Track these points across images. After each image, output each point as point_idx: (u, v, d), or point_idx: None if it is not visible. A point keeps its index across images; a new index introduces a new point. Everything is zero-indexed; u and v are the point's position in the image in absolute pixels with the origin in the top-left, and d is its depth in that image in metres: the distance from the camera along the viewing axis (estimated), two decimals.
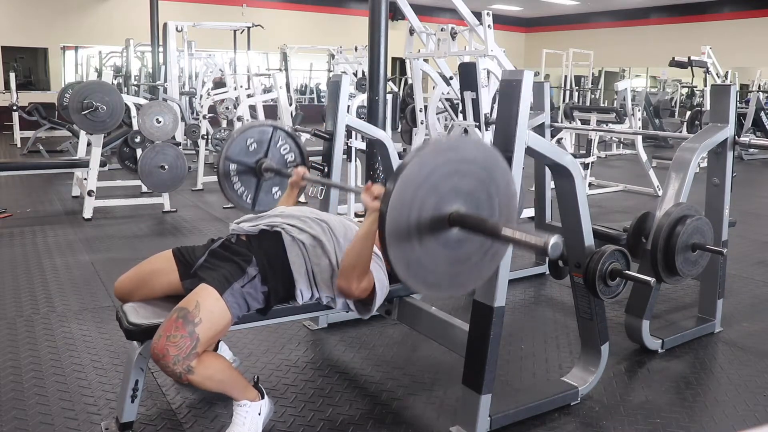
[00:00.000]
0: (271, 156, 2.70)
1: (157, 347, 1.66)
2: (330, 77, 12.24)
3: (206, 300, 1.76)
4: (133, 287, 2.00)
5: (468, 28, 4.54)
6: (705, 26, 16.70)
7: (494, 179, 1.55)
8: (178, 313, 1.71)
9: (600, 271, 2.05)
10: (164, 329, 1.69)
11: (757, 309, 3.17)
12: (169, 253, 2.03)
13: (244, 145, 2.66)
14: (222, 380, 1.78)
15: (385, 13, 3.67)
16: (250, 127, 2.70)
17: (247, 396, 1.85)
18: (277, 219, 2.01)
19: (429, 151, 1.45)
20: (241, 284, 1.84)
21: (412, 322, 2.33)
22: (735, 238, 4.22)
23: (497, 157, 1.57)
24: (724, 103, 2.62)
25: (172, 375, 1.68)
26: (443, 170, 1.46)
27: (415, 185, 1.42)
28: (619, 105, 8.74)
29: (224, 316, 1.79)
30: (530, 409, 2.07)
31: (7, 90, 10.46)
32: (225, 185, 2.65)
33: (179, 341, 1.66)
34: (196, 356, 1.69)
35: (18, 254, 3.86)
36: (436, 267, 1.50)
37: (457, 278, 1.56)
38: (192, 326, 1.69)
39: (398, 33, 7.66)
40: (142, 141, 5.27)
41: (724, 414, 2.14)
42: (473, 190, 1.52)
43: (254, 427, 1.85)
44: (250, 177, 2.69)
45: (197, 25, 8.36)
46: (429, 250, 1.47)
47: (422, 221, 1.43)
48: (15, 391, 2.15)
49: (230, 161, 2.64)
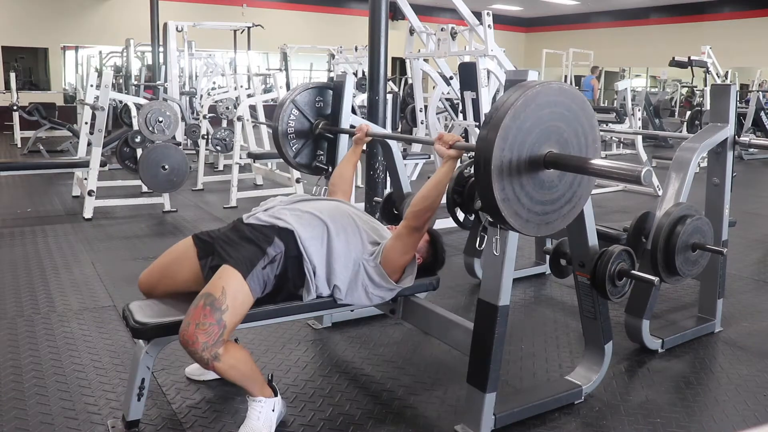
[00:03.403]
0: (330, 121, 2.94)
1: (186, 334, 1.71)
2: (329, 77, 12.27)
3: (231, 285, 1.80)
4: (156, 279, 2.02)
5: (468, 28, 4.54)
6: (705, 26, 16.71)
7: (578, 118, 1.65)
8: (204, 300, 1.75)
9: (609, 271, 2.06)
10: (192, 317, 1.72)
11: (757, 309, 3.17)
12: (189, 240, 2.05)
13: (313, 99, 2.90)
14: (244, 372, 1.82)
15: (385, 13, 3.67)
16: (324, 86, 2.94)
17: (263, 393, 1.88)
18: (286, 214, 2.02)
19: (519, 102, 1.53)
20: (262, 266, 1.88)
21: (416, 322, 2.33)
22: (735, 238, 4.22)
23: (580, 97, 1.66)
24: (724, 103, 2.62)
25: (200, 361, 1.74)
26: (536, 114, 1.56)
27: (515, 130, 1.52)
28: (619, 105, 8.75)
29: (248, 300, 1.84)
30: (535, 408, 2.07)
31: (7, 90, 10.46)
32: (279, 129, 2.84)
33: (208, 328, 1.71)
34: (223, 343, 1.74)
35: (18, 254, 3.86)
36: (531, 205, 1.61)
37: (546, 218, 1.66)
38: (219, 313, 1.73)
39: (398, 33, 7.68)
40: (142, 141, 5.27)
41: (724, 414, 2.14)
42: (562, 130, 1.62)
43: (268, 423, 1.87)
44: (303, 131, 2.92)
45: (197, 25, 8.36)
46: (525, 189, 1.59)
47: (521, 162, 1.55)
48: (15, 390, 2.15)
49: (296, 105, 2.83)
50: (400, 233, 2.04)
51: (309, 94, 2.91)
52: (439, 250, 2.31)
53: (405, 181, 3.04)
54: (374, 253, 2.07)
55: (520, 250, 2.27)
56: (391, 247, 2.05)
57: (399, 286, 2.11)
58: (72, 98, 12.15)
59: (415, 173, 6.37)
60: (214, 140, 6.63)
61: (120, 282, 3.32)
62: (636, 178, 1.45)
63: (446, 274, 2.81)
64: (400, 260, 2.07)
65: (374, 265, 2.05)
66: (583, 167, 1.59)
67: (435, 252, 2.31)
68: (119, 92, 8.29)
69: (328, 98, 2.96)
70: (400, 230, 2.05)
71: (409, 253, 2.08)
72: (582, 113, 1.66)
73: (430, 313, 2.23)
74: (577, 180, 1.71)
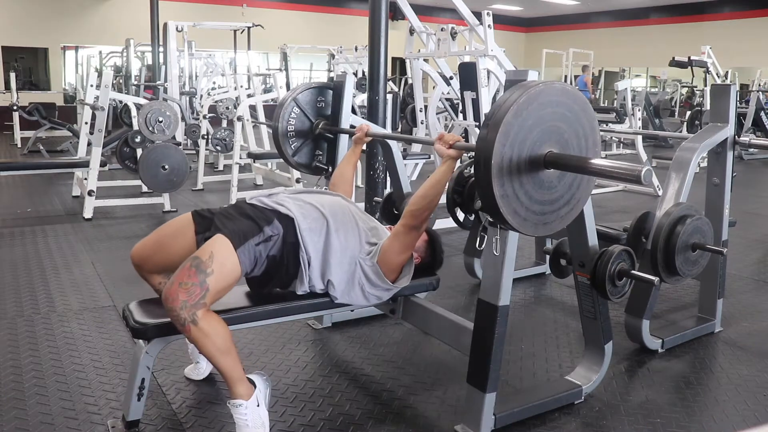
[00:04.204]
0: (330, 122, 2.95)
1: (168, 291, 1.71)
2: (329, 77, 12.28)
3: (220, 252, 1.80)
4: (151, 251, 2.02)
5: (468, 28, 4.54)
6: (705, 26, 16.71)
7: (579, 119, 1.66)
8: (191, 262, 1.75)
9: (609, 271, 2.06)
10: (177, 276, 1.73)
11: (757, 309, 3.17)
12: (188, 215, 2.05)
13: (315, 98, 2.91)
14: (219, 346, 1.74)
15: (385, 13, 3.67)
16: (326, 86, 2.95)
17: (239, 392, 1.79)
18: (289, 201, 2.03)
19: (522, 99, 1.53)
20: (256, 242, 1.88)
21: (416, 321, 2.34)
22: (735, 238, 4.22)
23: (581, 99, 1.66)
24: (724, 103, 2.62)
25: (177, 320, 1.71)
26: (537, 113, 1.56)
27: (516, 127, 1.53)
28: (619, 105, 8.75)
29: (235, 270, 1.83)
30: (535, 408, 2.07)
31: (7, 90, 10.46)
32: (280, 127, 2.85)
33: (190, 288, 1.71)
34: (204, 306, 1.72)
35: (18, 254, 3.86)
36: (529, 204, 1.62)
37: (543, 218, 1.67)
38: (204, 276, 1.73)
39: (398, 33, 7.68)
40: (142, 141, 5.27)
41: (724, 414, 2.14)
42: (563, 130, 1.62)
43: (258, 421, 1.81)
44: (303, 130, 2.92)
45: (197, 25, 8.36)
46: (524, 187, 1.59)
47: (521, 160, 1.56)
48: (15, 390, 2.15)
49: (297, 104, 2.84)
50: (398, 232, 2.04)
51: (311, 93, 2.92)
52: (438, 250, 2.31)
53: (405, 181, 3.04)
54: (371, 253, 2.07)
55: (520, 250, 2.27)
56: (388, 246, 2.05)
57: (396, 286, 2.11)
58: (72, 98, 12.16)
59: (415, 173, 6.38)
60: (214, 140, 6.63)
61: (120, 282, 3.32)
62: (636, 178, 1.45)
63: (446, 274, 2.81)
64: (397, 259, 2.07)
65: (371, 264, 2.05)
66: (582, 167, 1.59)
67: (433, 252, 2.31)
68: (119, 92, 8.29)
69: (329, 99, 2.97)
70: (397, 229, 2.05)
71: (407, 253, 2.08)
72: (583, 115, 1.67)
73: (430, 313, 2.23)
74: (576, 182, 1.71)
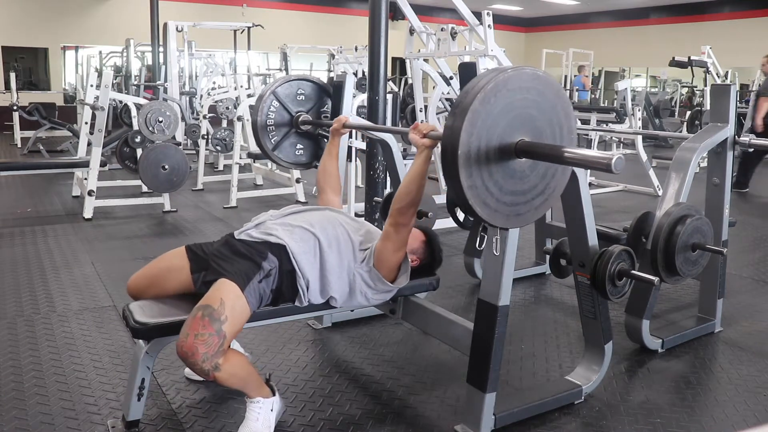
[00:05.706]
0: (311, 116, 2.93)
1: (185, 346, 1.68)
2: (329, 77, 12.27)
3: (229, 297, 1.79)
4: (146, 285, 2.02)
5: (468, 28, 4.54)
6: (705, 26, 16.69)
7: (553, 107, 1.60)
8: (203, 311, 1.73)
9: (609, 271, 2.06)
10: (190, 328, 1.70)
11: (757, 309, 3.17)
12: (182, 250, 2.05)
13: (294, 91, 2.87)
14: (243, 377, 1.82)
15: (385, 13, 3.67)
16: (306, 79, 2.91)
17: (261, 393, 1.88)
18: (277, 229, 2.01)
19: (489, 86, 1.48)
20: (258, 279, 1.88)
21: (416, 322, 2.33)
22: (735, 238, 4.22)
23: (554, 84, 1.61)
24: (724, 103, 2.62)
25: (201, 373, 1.72)
26: (507, 100, 1.51)
27: (484, 115, 1.47)
28: (619, 105, 8.74)
29: (245, 312, 1.83)
30: (535, 408, 2.07)
31: (7, 90, 10.46)
32: (258, 120, 2.82)
33: (207, 339, 1.69)
34: (223, 353, 1.72)
35: (18, 254, 3.86)
36: (500, 195, 1.57)
37: (516, 209, 1.63)
38: (219, 324, 1.72)
39: (398, 33, 7.67)
40: (142, 141, 5.27)
41: (724, 414, 2.14)
42: (535, 118, 1.57)
43: (267, 423, 1.87)
44: (283, 123, 2.89)
45: (197, 25, 8.36)
46: (494, 177, 1.54)
47: (490, 149, 1.50)
48: (15, 390, 2.16)
49: (276, 97, 2.80)
50: (388, 232, 2.02)
51: (290, 86, 2.88)
52: (436, 249, 2.31)
53: None
54: (365, 258, 2.06)
55: (520, 250, 2.28)
56: (381, 248, 2.04)
57: (395, 287, 2.11)
58: (72, 98, 12.14)
59: None
60: (214, 140, 6.63)
61: (120, 282, 3.31)
62: (606, 166, 1.41)
63: (446, 274, 2.81)
64: (392, 259, 2.05)
65: (368, 269, 2.05)
66: (554, 155, 1.54)
67: (432, 251, 2.30)
68: (119, 92, 8.29)
69: (309, 91, 2.93)
70: (387, 229, 2.03)
71: (401, 251, 2.07)
72: (558, 102, 1.61)
73: (430, 313, 2.23)
74: (551, 172, 1.67)
